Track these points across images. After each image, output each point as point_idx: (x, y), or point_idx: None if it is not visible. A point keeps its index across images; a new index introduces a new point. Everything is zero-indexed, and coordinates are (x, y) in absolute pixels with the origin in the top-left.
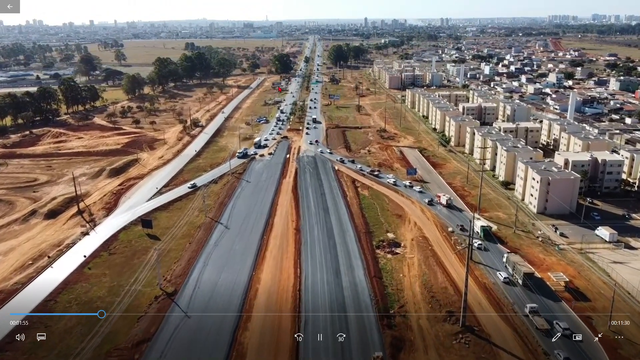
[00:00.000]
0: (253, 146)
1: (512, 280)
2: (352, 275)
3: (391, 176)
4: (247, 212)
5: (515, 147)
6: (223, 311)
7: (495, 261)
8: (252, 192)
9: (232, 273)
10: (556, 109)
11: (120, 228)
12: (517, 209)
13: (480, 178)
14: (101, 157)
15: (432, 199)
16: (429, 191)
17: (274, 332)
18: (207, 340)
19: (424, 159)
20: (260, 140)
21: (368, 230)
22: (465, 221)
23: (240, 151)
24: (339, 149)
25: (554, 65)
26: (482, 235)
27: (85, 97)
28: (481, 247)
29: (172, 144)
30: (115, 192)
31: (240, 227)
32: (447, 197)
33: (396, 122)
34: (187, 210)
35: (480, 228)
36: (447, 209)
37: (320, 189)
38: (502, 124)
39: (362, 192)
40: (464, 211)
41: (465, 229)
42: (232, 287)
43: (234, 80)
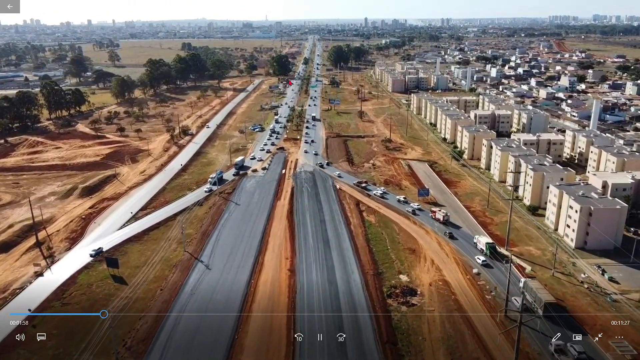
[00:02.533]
0: (234, 167)
1: (530, 309)
2: (360, 340)
3: (401, 197)
4: (233, 245)
5: (543, 165)
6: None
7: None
8: (241, 219)
9: (208, 335)
10: (574, 116)
11: (82, 267)
12: (554, 244)
13: (509, 208)
14: (77, 171)
15: (451, 232)
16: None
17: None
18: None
19: (435, 174)
20: (241, 160)
21: (377, 272)
22: (469, 239)
23: (212, 176)
24: (341, 163)
25: (562, 67)
26: (487, 252)
27: (69, 101)
28: (487, 265)
29: (157, 155)
30: (84, 216)
31: (223, 268)
32: (443, 213)
33: (402, 131)
34: (164, 241)
35: (486, 245)
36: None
37: (320, 214)
38: (521, 135)
39: (367, 217)
40: (461, 228)
41: (454, 236)
42: (209, 354)
43: (229, 83)
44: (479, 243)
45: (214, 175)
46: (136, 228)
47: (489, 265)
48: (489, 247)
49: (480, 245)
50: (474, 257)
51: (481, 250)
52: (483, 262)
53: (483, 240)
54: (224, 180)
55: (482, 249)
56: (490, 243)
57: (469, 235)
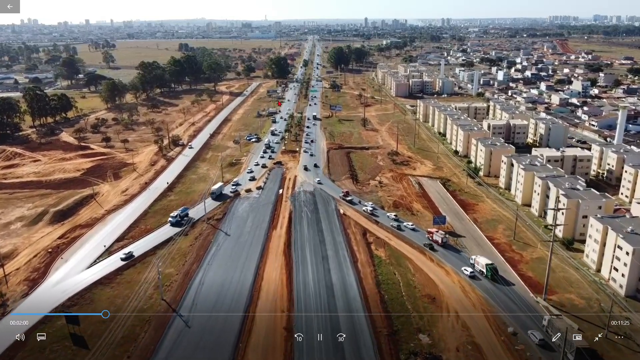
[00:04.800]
0: (210, 195)
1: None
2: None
3: (411, 225)
4: (219, 292)
5: (575, 190)
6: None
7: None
8: (231, 255)
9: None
10: (592, 125)
11: (36, 322)
12: (599, 290)
13: (549, 251)
14: (52, 189)
15: (474, 274)
16: (465, 250)
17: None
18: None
19: (449, 195)
20: (219, 188)
21: (391, 330)
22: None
23: (174, 215)
24: (344, 180)
25: (570, 70)
26: (488, 274)
27: (54, 107)
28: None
29: (143, 170)
30: (51, 249)
31: (205, 324)
32: (442, 235)
33: (409, 141)
34: (139, 284)
35: (486, 267)
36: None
37: (322, 247)
38: (544, 150)
39: (376, 251)
40: (462, 252)
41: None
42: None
43: (226, 86)
44: (477, 264)
45: (176, 213)
46: (108, 266)
47: (475, 277)
48: (490, 269)
49: (479, 267)
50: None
51: (480, 272)
52: (471, 274)
53: (482, 262)
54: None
55: (481, 270)
56: (490, 264)
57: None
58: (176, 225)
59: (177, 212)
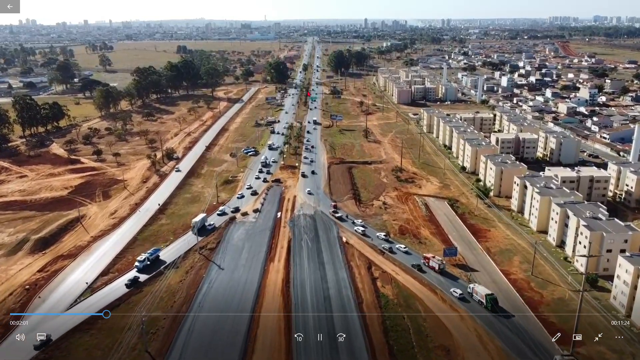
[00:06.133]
0: (191, 230)
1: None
2: None
3: (421, 262)
4: (210, 340)
5: (598, 220)
6: None
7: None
8: (224, 294)
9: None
10: (604, 137)
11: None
12: (632, 343)
13: (579, 300)
14: (37, 211)
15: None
16: (462, 279)
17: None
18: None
19: (457, 218)
20: (201, 220)
21: None
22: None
23: (141, 258)
24: (346, 201)
25: (574, 74)
26: (488, 305)
27: (46, 116)
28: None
29: (134, 188)
30: (29, 286)
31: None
32: (439, 261)
33: (413, 155)
34: (122, 332)
35: (486, 297)
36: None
37: (323, 284)
38: (558, 170)
39: (382, 288)
40: (459, 279)
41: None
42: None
43: (224, 92)
44: (476, 294)
45: (143, 257)
46: (90, 307)
47: (465, 299)
48: (490, 300)
49: (478, 297)
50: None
51: (479, 302)
52: (460, 296)
53: (482, 292)
54: (161, 262)
55: (480, 300)
56: (490, 295)
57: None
58: (144, 271)
59: (145, 254)
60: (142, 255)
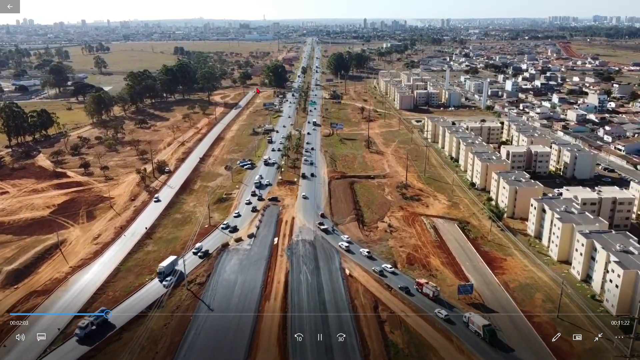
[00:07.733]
0: (157, 277)
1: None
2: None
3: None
4: None
5: (629, 254)
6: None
7: None
8: (214, 344)
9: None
10: (619, 149)
11: None
12: None
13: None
14: (14, 235)
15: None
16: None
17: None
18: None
19: (470, 244)
20: (170, 265)
21: None
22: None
23: (81, 325)
24: (347, 224)
25: (580, 78)
26: (486, 337)
27: (33, 124)
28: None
29: (121, 207)
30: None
31: None
32: (433, 288)
33: (418, 167)
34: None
35: (483, 329)
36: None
37: (325, 329)
38: (577, 190)
39: (391, 335)
40: (455, 308)
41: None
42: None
43: (221, 96)
44: (472, 324)
45: (86, 322)
46: (62, 358)
47: (450, 321)
48: (488, 332)
49: (474, 327)
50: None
51: (476, 332)
52: (445, 317)
53: (479, 322)
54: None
55: (476, 331)
56: (487, 326)
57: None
58: (85, 340)
59: (90, 318)
60: (83, 321)
